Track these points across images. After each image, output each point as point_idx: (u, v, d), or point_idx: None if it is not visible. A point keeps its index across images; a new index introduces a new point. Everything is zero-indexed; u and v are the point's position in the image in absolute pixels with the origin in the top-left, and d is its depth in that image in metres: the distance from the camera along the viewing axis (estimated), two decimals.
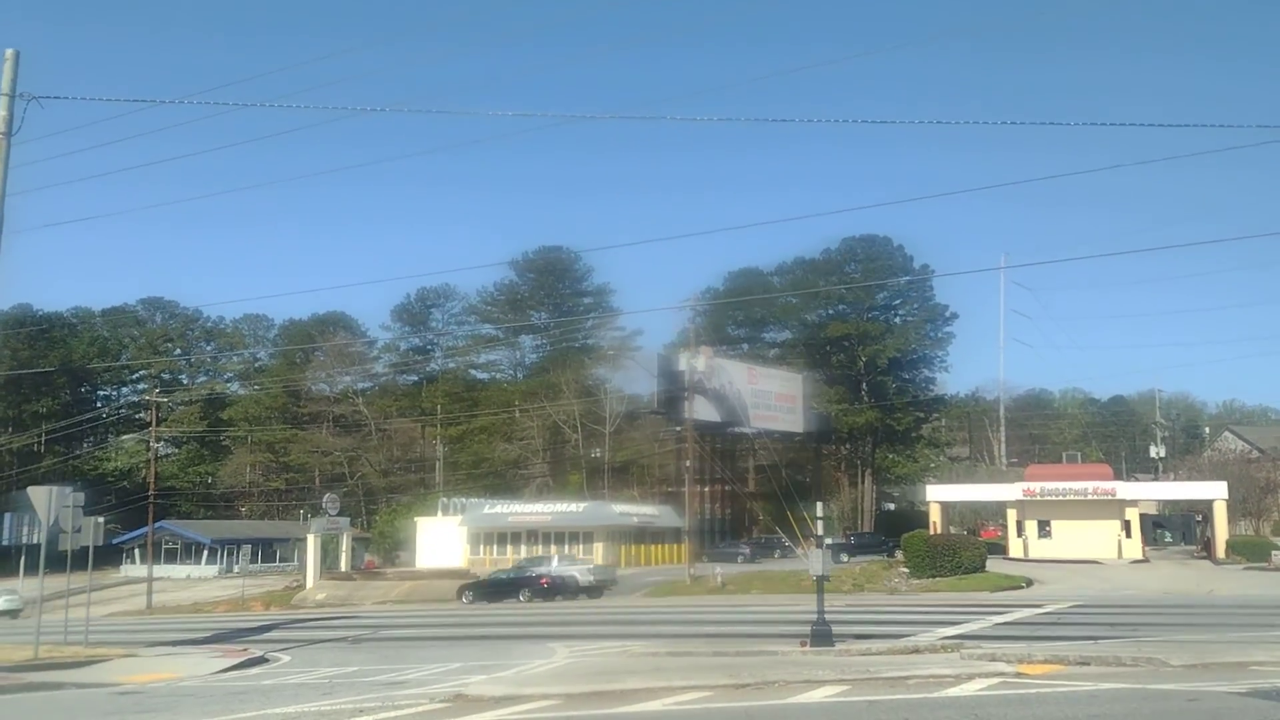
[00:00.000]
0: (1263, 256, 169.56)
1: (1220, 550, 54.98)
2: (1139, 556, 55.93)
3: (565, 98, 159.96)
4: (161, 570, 70.42)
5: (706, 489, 65.80)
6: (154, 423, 67.53)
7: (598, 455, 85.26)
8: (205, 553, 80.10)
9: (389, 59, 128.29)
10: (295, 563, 75.04)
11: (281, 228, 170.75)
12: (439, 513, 69.64)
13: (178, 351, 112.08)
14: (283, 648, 25.40)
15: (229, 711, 13.25)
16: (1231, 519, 61.63)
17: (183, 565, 79.27)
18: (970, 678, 14.63)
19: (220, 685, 17.19)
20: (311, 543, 58.49)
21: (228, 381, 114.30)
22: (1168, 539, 77.61)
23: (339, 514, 62.99)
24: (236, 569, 70.69)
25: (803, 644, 19.33)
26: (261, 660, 21.87)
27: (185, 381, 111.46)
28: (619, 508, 66.39)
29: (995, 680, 14.47)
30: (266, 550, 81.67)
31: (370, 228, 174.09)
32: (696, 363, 52.24)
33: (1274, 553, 50.75)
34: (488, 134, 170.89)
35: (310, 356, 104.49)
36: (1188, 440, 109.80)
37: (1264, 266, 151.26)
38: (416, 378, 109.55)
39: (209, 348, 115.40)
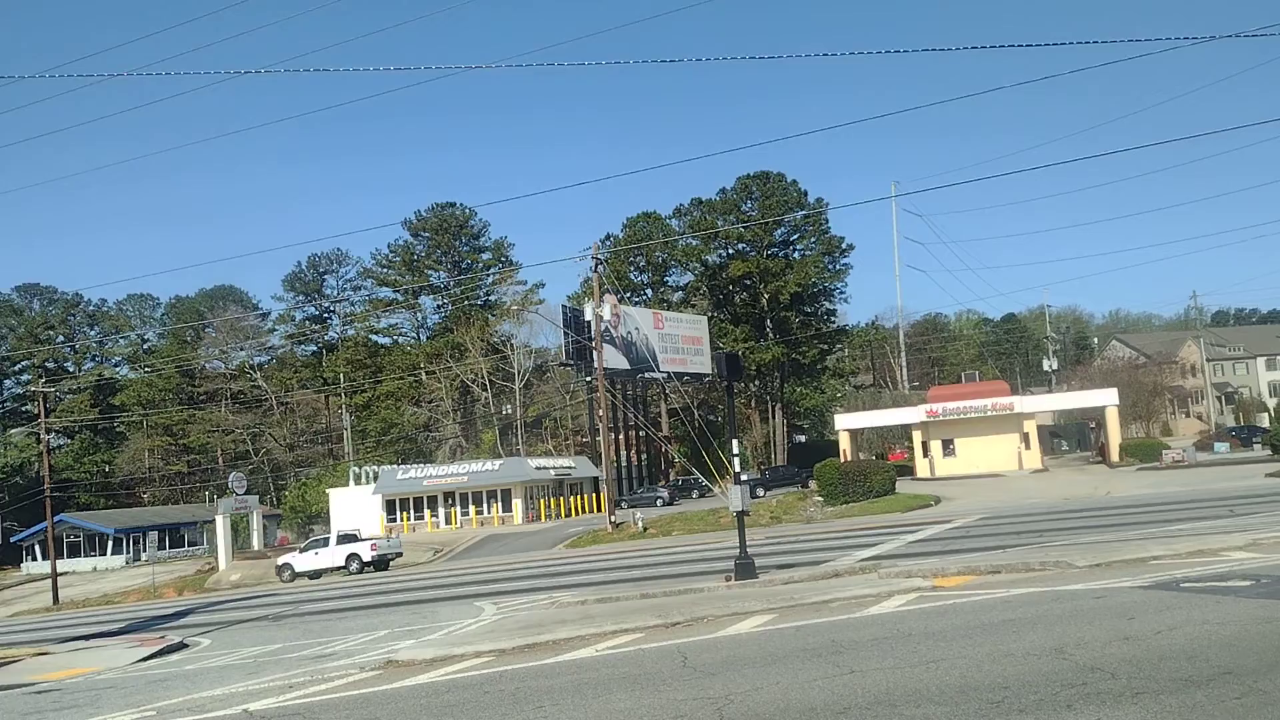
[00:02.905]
0: (1139, 168, 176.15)
1: (1114, 454, 57.64)
2: (1039, 466, 58.27)
3: (445, 53, 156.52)
4: (65, 565, 68.08)
5: (621, 436, 66.15)
6: (42, 414, 64.71)
7: (509, 412, 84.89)
8: (110, 543, 77.66)
9: (267, 17, 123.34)
10: (206, 546, 73.30)
11: (160, 201, 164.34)
12: (351, 482, 68.72)
13: (60, 339, 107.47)
14: (201, 631, 24.84)
15: (154, 700, 12.90)
16: (1123, 423, 64.54)
17: (87, 558, 76.78)
18: (890, 595, 15.05)
19: (141, 674, 16.72)
20: (221, 524, 57.18)
21: (116, 366, 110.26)
22: (1064, 447, 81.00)
23: (246, 492, 61.62)
24: (145, 557, 68.62)
25: (727, 579, 19.63)
26: (181, 646, 21.33)
27: (72, 369, 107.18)
28: (535, 462, 66.39)
29: (913, 595, 14.91)
30: (174, 535, 79.49)
31: (254, 195, 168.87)
32: (602, 311, 52.13)
33: (1164, 452, 53.39)
34: (369, 93, 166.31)
35: (201, 333, 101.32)
36: (1078, 351, 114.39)
37: (1141, 178, 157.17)
38: (315, 347, 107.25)
39: (93, 332, 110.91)
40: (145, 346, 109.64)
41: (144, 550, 73.78)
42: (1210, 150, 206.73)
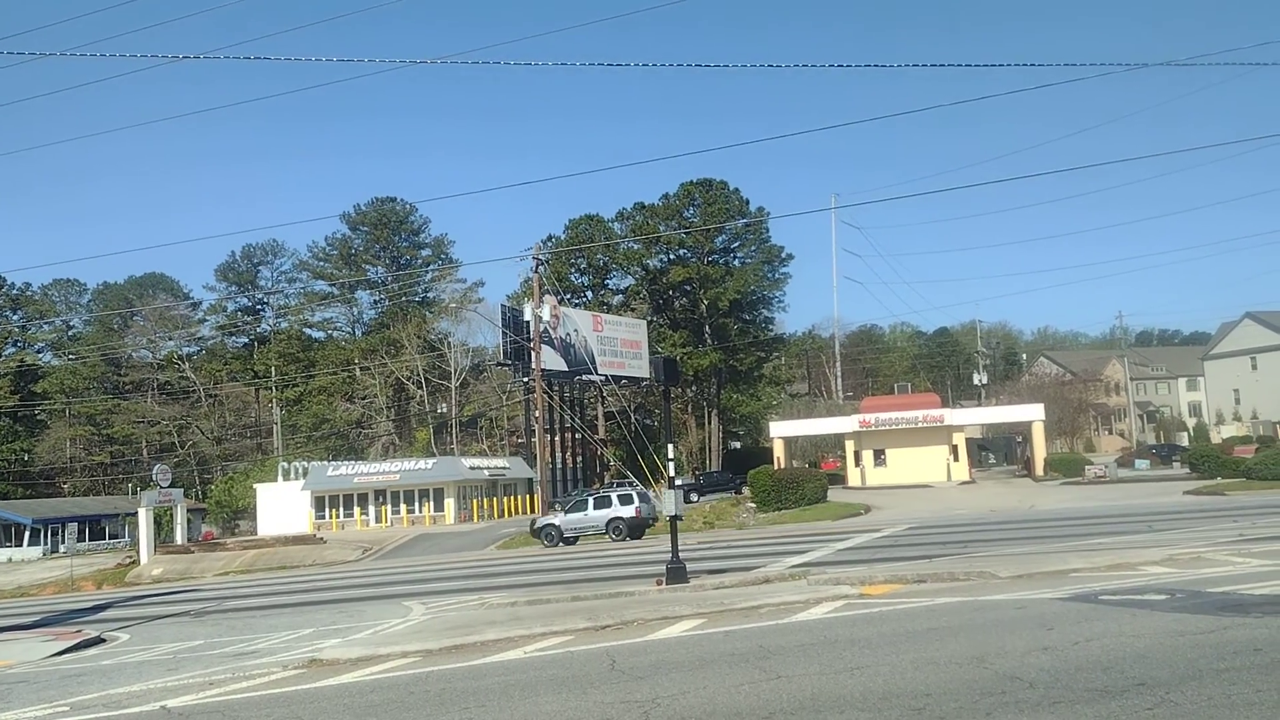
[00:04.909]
0: (1071, 190, 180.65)
1: (1040, 468, 58.91)
2: (966, 478, 59.31)
3: (391, 47, 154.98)
4: None
5: (557, 438, 65.94)
6: None
7: (444, 410, 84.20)
8: (27, 534, 75.37)
9: (205, 2, 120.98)
10: (127, 539, 71.50)
11: (90, 185, 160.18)
12: (279, 478, 67.50)
13: None
14: (120, 626, 24.22)
15: (69, 695, 12.55)
16: (1049, 438, 66.03)
17: (3, 549, 74.47)
18: (818, 602, 15.20)
19: (55, 669, 16.26)
20: (143, 517, 55.67)
21: (39, 352, 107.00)
22: (991, 460, 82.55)
23: (171, 485, 60.14)
24: (63, 549, 66.72)
25: (658, 583, 19.67)
26: (98, 641, 20.77)
27: None
28: (469, 462, 65.88)
29: (841, 602, 15.09)
30: (95, 528, 77.40)
31: (188, 182, 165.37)
32: (542, 312, 51.98)
33: (1087, 468, 54.76)
34: (312, 81, 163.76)
35: (129, 321, 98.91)
36: (1007, 367, 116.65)
37: (1071, 200, 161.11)
38: (247, 339, 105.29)
39: (16, 317, 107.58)
40: (70, 333, 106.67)
41: (63, 542, 71.67)
42: (1140, 175, 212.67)
